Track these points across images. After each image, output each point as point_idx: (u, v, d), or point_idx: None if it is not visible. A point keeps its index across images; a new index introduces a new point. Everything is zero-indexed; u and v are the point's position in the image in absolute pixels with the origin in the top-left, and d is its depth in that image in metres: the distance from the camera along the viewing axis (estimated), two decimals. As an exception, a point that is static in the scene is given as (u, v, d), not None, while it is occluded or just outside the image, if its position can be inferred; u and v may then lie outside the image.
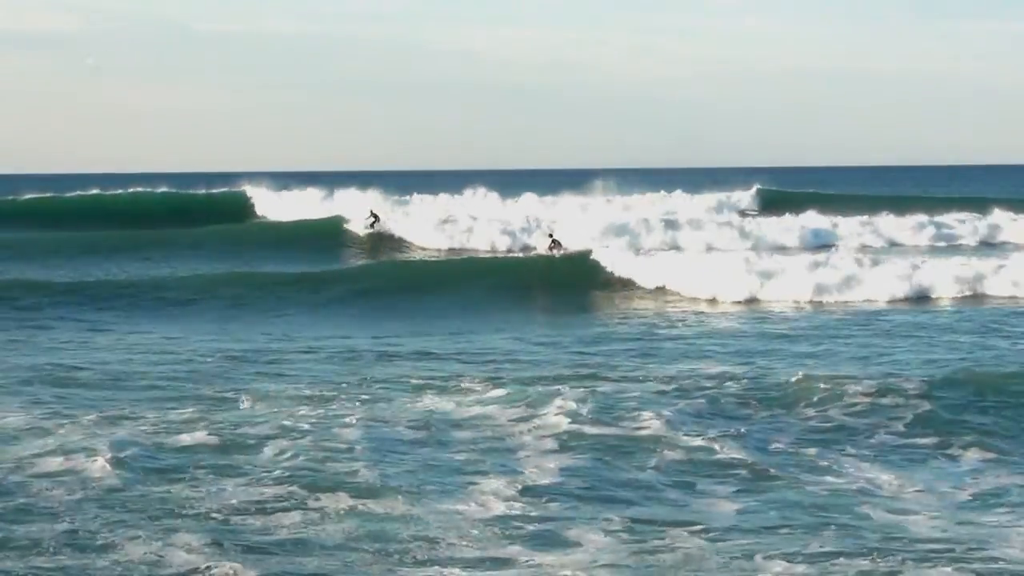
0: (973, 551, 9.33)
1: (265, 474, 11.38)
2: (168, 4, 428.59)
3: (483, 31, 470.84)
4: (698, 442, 12.70)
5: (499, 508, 10.47)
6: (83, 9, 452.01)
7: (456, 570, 9.00)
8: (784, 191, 61.22)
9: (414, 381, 16.37)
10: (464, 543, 9.57)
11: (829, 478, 11.62)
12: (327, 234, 40.79)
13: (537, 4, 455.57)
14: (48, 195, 52.55)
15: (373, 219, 41.77)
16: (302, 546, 9.47)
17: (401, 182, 67.38)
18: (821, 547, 9.37)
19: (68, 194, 52.50)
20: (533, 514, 10.31)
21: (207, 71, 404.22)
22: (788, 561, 9.11)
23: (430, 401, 14.79)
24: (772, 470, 11.82)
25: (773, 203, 53.24)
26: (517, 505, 10.55)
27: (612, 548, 9.47)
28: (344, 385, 16.08)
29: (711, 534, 9.84)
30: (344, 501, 10.53)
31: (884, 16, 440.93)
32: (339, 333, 21.76)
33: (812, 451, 12.69)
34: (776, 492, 11.11)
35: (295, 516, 10.18)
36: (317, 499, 10.59)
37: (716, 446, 12.58)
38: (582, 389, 15.31)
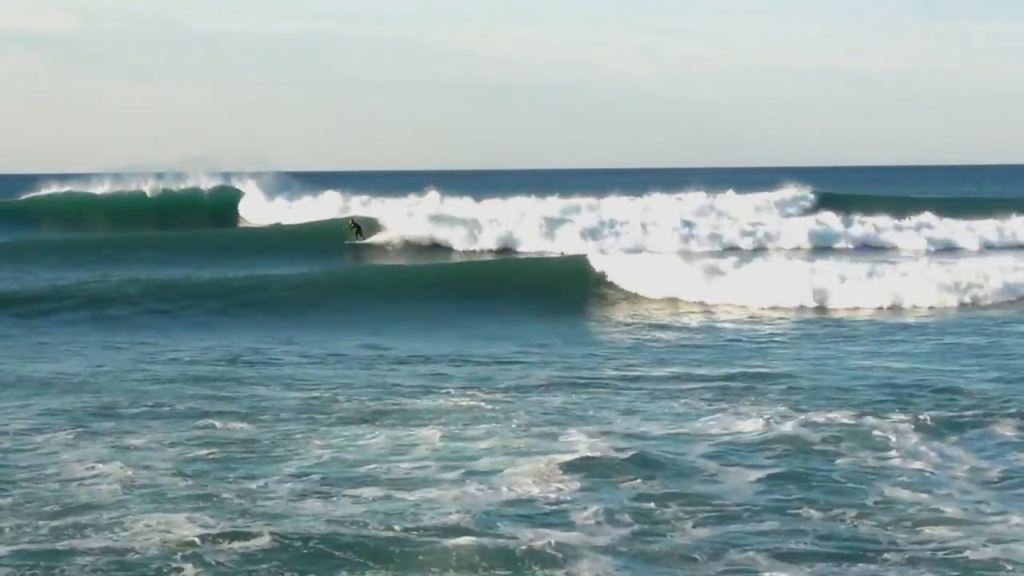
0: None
1: (287, 470, 11.47)
2: (168, 4, 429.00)
3: (483, 31, 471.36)
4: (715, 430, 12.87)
5: (521, 491, 10.66)
6: (83, 9, 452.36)
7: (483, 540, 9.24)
8: (836, 192, 60.58)
9: (416, 384, 16.21)
10: (489, 519, 9.81)
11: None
12: (309, 238, 39.91)
13: (537, 4, 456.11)
14: (29, 196, 52.19)
15: (356, 229, 40.52)
16: (334, 525, 9.66)
17: (401, 182, 67.02)
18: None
19: (40, 194, 52.25)
20: (552, 496, 10.54)
21: (207, 71, 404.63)
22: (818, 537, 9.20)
23: (437, 402, 14.76)
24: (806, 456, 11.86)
25: (827, 204, 52.62)
26: (542, 486, 10.77)
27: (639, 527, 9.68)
28: (345, 388, 15.88)
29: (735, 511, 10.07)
30: (368, 491, 10.79)
31: (884, 16, 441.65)
32: (330, 338, 21.25)
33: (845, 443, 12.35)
34: (806, 475, 11.21)
35: (325, 503, 10.40)
36: (344, 489, 10.83)
37: (737, 433, 12.74)
38: (588, 386, 15.69)
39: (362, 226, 40.87)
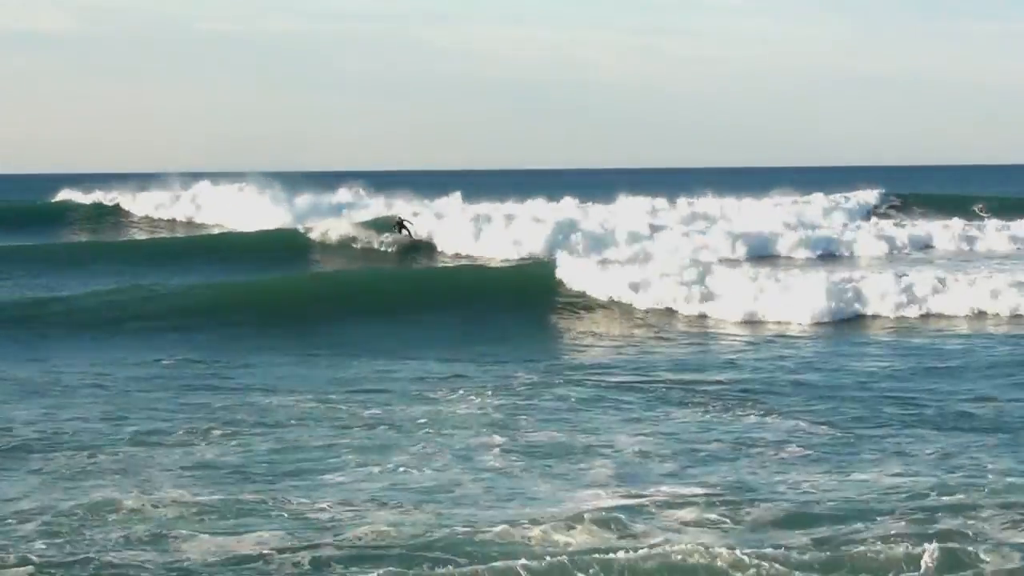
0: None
1: (331, 479, 11.20)
2: (168, 4, 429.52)
3: (484, 30, 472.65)
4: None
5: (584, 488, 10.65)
6: (83, 9, 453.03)
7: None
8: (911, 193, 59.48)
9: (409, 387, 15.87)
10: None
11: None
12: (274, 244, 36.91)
13: (537, 4, 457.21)
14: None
15: (400, 228, 37.22)
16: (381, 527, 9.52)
17: (400, 182, 66.61)
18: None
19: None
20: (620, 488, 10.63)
21: (207, 71, 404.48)
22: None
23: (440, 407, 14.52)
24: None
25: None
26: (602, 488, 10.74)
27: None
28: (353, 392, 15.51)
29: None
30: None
31: (884, 16, 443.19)
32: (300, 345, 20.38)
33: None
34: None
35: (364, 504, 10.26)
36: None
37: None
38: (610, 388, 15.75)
39: (408, 224, 37.60)
